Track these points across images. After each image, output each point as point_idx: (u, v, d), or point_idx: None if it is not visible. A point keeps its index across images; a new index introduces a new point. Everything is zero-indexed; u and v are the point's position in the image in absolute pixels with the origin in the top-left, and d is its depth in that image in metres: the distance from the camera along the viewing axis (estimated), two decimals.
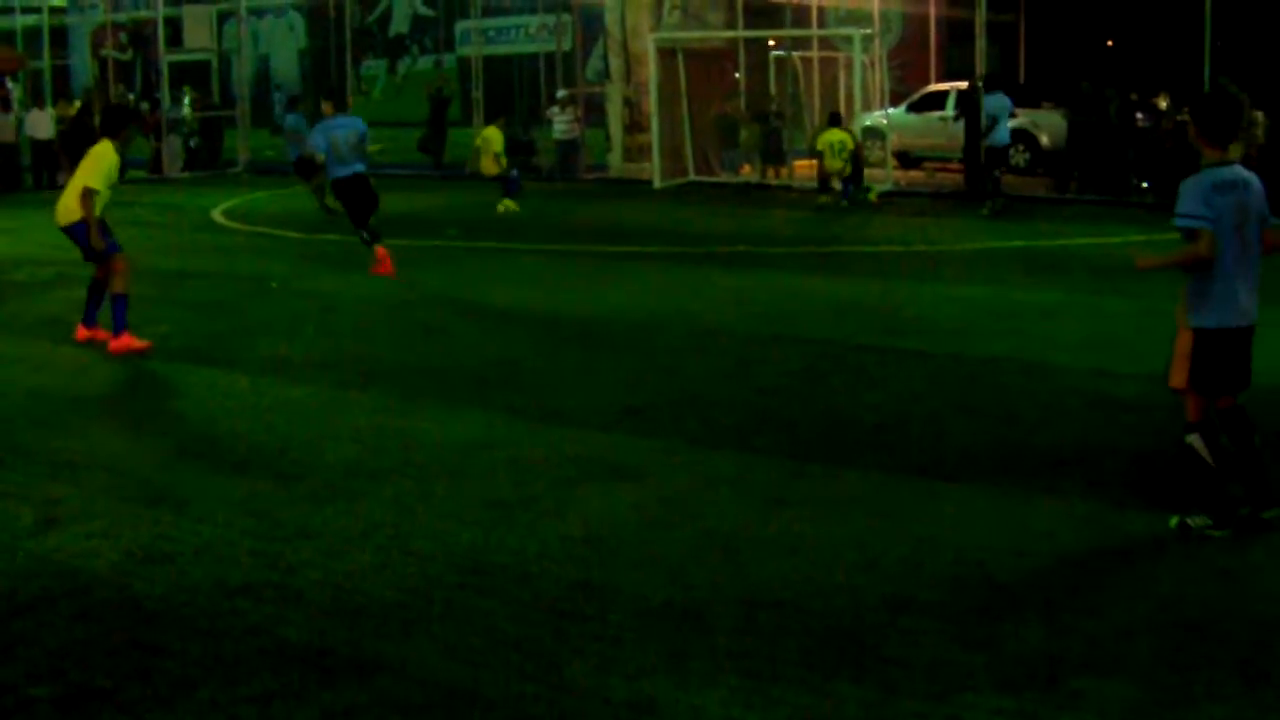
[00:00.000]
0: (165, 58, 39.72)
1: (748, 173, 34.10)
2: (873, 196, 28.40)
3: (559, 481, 9.21)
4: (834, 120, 29.19)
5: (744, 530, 8.20)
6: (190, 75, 41.77)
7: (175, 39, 41.88)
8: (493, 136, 27.71)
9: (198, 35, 41.66)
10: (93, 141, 14.35)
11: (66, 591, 7.34)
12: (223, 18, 46.37)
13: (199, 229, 24.85)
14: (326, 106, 19.18)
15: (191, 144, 39.37)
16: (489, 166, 27.52)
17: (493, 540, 8.06)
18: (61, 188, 15.01)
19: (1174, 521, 8.09)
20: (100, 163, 13.61)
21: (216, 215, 27.20)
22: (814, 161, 29.90)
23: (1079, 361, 12.81)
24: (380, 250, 18.47)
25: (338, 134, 18.20)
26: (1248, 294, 8.01)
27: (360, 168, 18.45)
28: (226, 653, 6.51)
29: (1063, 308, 15.60)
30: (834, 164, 27.79)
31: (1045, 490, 8.97)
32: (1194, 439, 8.51)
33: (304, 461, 9.79)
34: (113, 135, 13.83)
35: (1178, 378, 8.86)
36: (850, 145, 27.77)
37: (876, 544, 7.92)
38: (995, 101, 26.71)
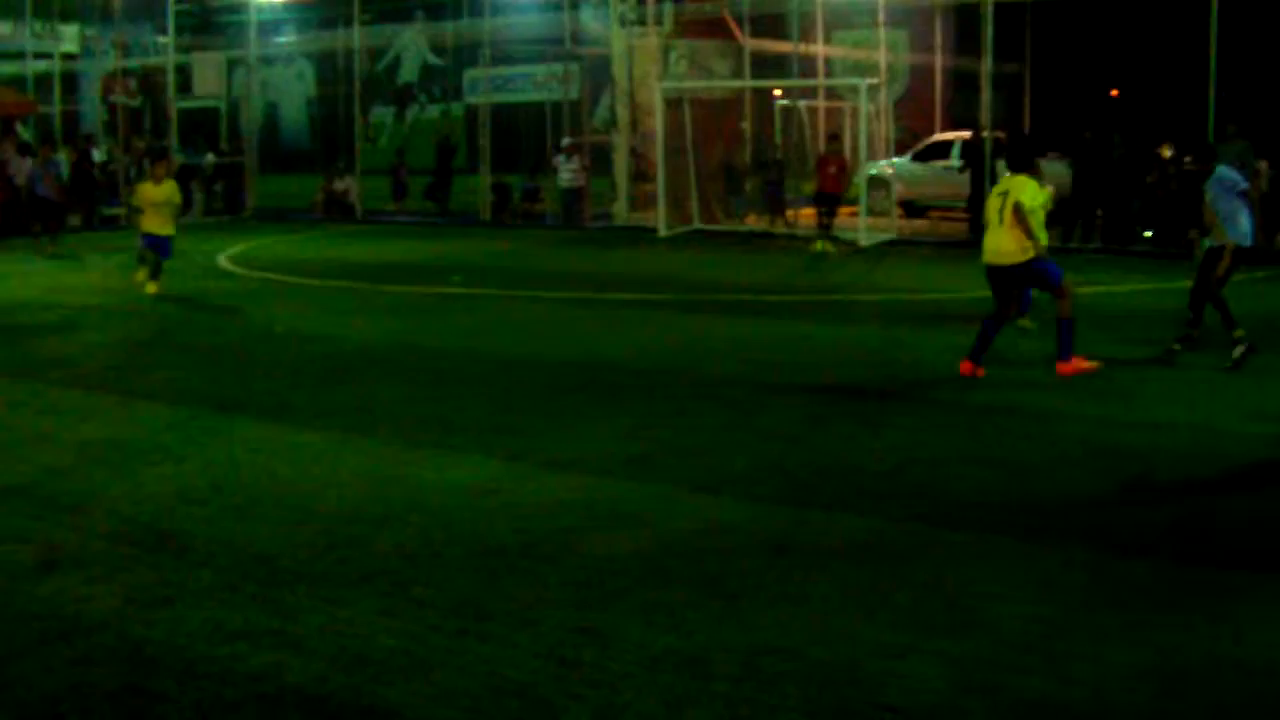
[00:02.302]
0: (175, 104, 39.90)
1: (753, 221, 34.18)
2: (821, 247, 28.32)
3: (560, 528, 9.20)
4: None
5: (745, 577, 8.18)
6: (199, 122, 41.94)
7: (185, 86, 42.11)
8: None
9: (207, 82, 41.89)
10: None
11: (64, 635, 7.31)
12: (232, 65, 46.61)
13: (205, 274, 24.87)
14: None
15: (215, 189, 39.72)
16: None
17: (493, 586, 8.05)
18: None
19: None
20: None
21: (223, 260, 27.27)
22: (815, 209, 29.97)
23: (1082, 410, 12.80)
24: None
25: None
26: None
27: None
28: (226, 698, 6.49)
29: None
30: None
31: (1047, 538, 8.95)
32: None
33: (305, 507, 9.77)
34: None
35: None
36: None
37: (877, 591, 7.91)
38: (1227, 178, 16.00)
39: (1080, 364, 14.48)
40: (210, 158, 40.42)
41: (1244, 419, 12.41)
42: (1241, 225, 15.31)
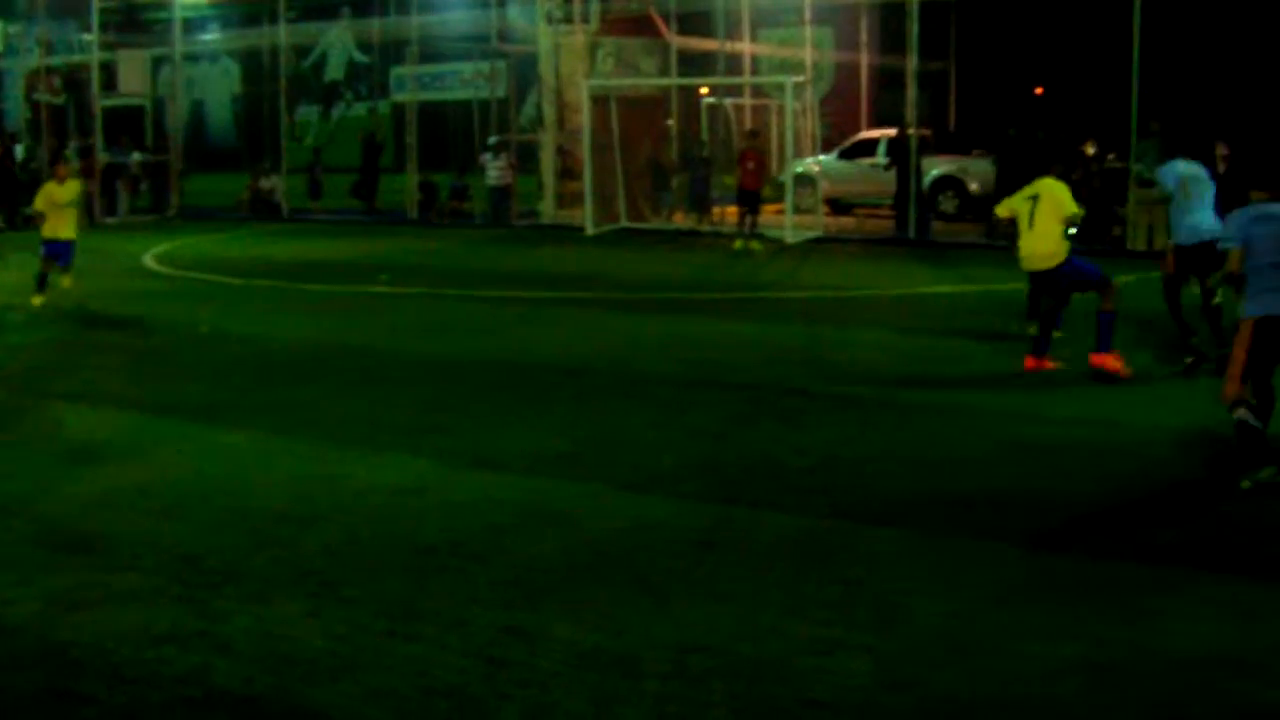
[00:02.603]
0: (100, 102, 39.57)
1: (680, 219, 34.23)
2: (741, 245, 28.42)
3: (489, 527, 9.20)
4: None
5: (673, 575, 8.21)
6: (124, 120, 41.61)
7: (110, 84, 41.76)
8: None
9: (132, 80, 41.58)
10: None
11: None
12: (157, 63, 46.28)
13: (131, 274, 24.69)
14: None
15: (141, 188, 39.44)
16: None
17: (422, 586, 8.04)
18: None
19: (1246, 483, 9.52)
20: None
21: (148, 260, 27.07)
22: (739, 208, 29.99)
23: (1006, 406, 12.91)
24: None
25: None
26: None
27: None
28: (153, 701, 6.47)
29: (991, 353, 15.71)
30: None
31: (971, 533, 9.03)
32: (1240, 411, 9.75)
33: (233, 508, 9.73)
34: None
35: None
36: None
37: (805, 587, 7.96)
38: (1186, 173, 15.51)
39: (1112, 362, 14.09)
40: (136, 156, 40.09)
41: (1170, 415, 12.53)
42: (1180, 223, 14.95)
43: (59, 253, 20.35)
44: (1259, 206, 10.37)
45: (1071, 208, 14.35)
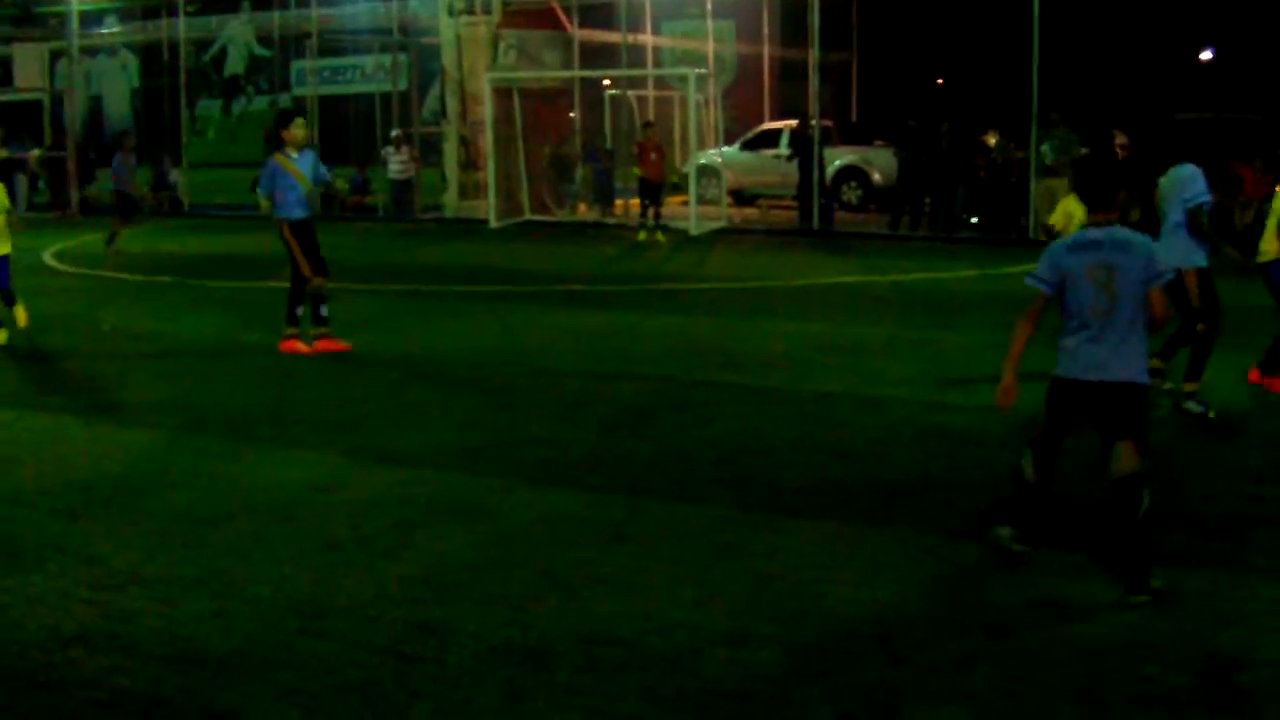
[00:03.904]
0: None
1: (584, 212, 34.24)
2: (644, 237, 28.51)
3: (397, 523, 9.17)
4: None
5: (583, 568, 8.22)
6: (21, 115, 41.12)
7: (5, 78, 41.23)
8: None
9: (29, 74, 41.05)
10: None
11: None
12: (54, 57, 45.72)
13: (30, 272, 24.35)
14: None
15: (39, 184, 38.97)
16: None
17: (331, 583, 8.00)
18: None
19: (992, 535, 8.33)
20: None
21: (48, 258, 26.77)
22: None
23: (912, 395, 13.01)
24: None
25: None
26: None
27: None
28: (61, 705, 6.40)
29: (895, 342, 15.83)
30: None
31: (881, 523, 9.09)
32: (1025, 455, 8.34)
33: (138, 507, 9.64)
34: None
35: None
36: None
37: (715, 579, 7.98)
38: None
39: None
40: (36, 152, 39.62)
41: None
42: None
43: None
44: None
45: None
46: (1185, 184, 12.28)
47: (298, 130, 15.76)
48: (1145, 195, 13.15)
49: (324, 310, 15.83)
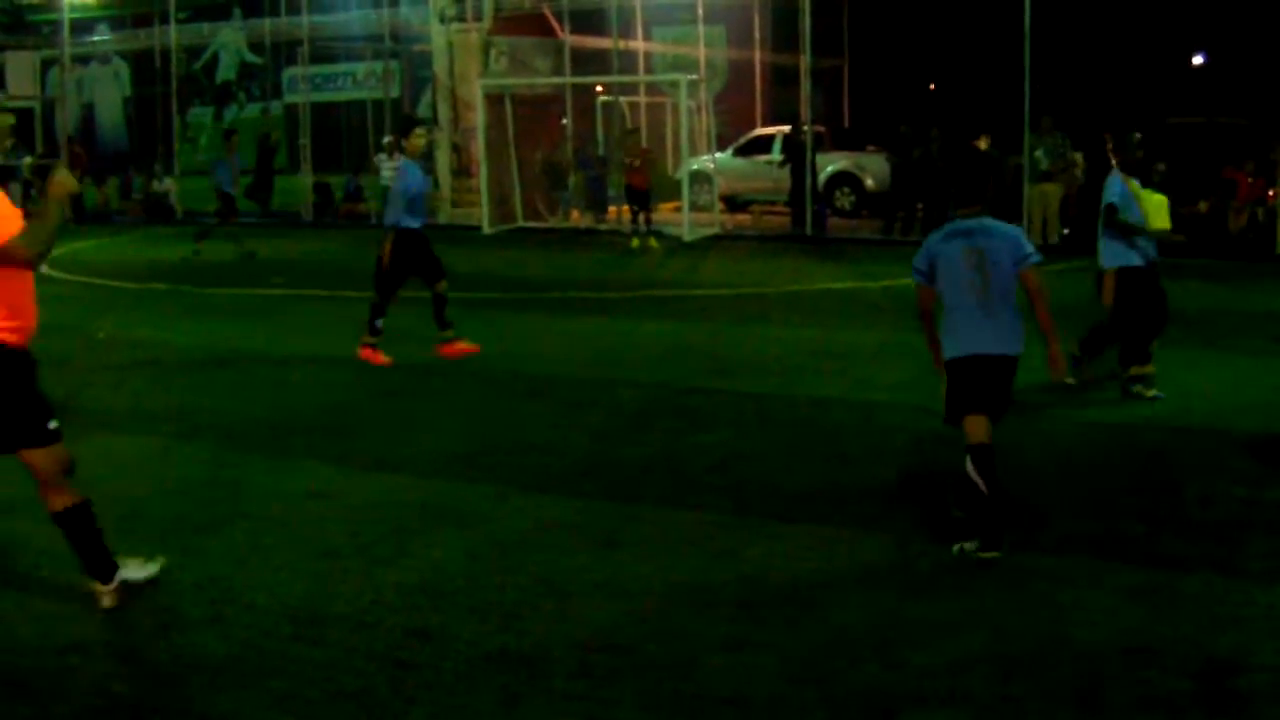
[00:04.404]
0: None
1: (577, 218, 34.23)
2: (637, 244, 28.48)
3: (392, 530, 9.17)
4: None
5: (578, 574, 8.22)
6: (14, 123, 41.04)
7: None
8: None
9: (21, 82, 41.04)
10: None
11: None
12: (46, 64, 45.68)
13: None
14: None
15: (32, 192, 38.91)
16: None
17: (326, 590, 8.01)
18: None
19: (955, 549, 8.48)
20: None
21: (42, 265, 26.66)
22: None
23: (904, 399, 13.00)
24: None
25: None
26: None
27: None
28: (57, 713, 6.40)
29: (888, 347, 15.81)
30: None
31: (876, 527, 9.10)
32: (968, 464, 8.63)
33: (133, 515, 9.62)
34: None
35: None
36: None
37: (710, 585, 7.99)
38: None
39: None
40: (28, 159, 39.57)
41: (1075, 408, 12.67)
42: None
43: None
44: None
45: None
46: (1104, 190, 13.21)
47: (418, 139, 15.81)
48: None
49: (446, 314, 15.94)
